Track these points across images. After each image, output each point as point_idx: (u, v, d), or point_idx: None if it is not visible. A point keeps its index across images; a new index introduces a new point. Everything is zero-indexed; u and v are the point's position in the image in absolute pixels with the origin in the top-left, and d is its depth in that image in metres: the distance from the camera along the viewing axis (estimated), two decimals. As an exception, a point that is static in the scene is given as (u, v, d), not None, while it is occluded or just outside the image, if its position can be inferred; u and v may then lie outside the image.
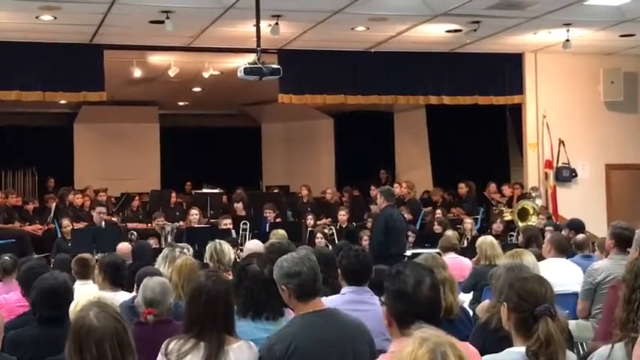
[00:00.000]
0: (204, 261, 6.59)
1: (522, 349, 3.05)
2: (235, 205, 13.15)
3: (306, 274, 3.76)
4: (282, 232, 9.26)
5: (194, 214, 12.58)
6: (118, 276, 6.22)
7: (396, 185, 14.60)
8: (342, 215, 12.98)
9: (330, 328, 3.73)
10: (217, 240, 6.69)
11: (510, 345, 3.16)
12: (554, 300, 3.15)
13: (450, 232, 10.19)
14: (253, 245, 6.49)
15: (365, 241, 10.05)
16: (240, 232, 11.61)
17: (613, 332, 3.16)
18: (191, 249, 8.18)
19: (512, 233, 12.44)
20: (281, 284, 3.82)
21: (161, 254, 6.72)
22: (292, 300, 3.81)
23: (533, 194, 13.70)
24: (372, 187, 15.34)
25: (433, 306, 3.03)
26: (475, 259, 8.21)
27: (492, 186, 14.41)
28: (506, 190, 14.08)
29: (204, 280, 3.75)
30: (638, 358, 2.76)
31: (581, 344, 6.40)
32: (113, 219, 13.20)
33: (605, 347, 3.04)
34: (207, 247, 6.67)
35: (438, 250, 8.18)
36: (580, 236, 8.51)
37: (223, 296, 3.70)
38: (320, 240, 11.14)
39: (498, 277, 4.29)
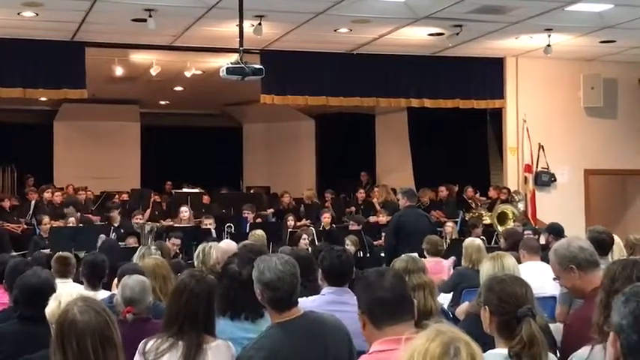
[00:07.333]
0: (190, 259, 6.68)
1: (504, 350, 3.04)
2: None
3: (284, 290, 3.61)
4: (260, 232, 9.20)
5: (184, 211, 12.45)
6: (98, 276, 6.19)
7: (375, 190, 14.63)
8: (326, 217, 12.91)
9: (309, 333, 3.66)
10: (211, 242, 6.90)
11: (490, 347, 3.16)
12: (534, 301, 3.16)
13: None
14: (225, 245, 6.45)
15: (348, 246, 9.95)
16: (224, 234, 11.57)
17: (591, 336, 3.16)
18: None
19: (483, 237, 12.40)
20: (258, 288, 3.68)
21: (136, 253, 6.71)
22: (267, 306, 3.71)
23: (516, 197, 13.75)
24: (360, 190, 15.35)
25: (398, 292, 3.03)
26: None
27: (469, 190, 14.48)
28: (492, 192, 14.13)
29: (187, 279, 3.72)
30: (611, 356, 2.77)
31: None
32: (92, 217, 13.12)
33: (585, 349, 3.05)
34: (199, 247, 6.88)
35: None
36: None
37: (205, 296, 3.66)
38: (305, 241, 10.88)
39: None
